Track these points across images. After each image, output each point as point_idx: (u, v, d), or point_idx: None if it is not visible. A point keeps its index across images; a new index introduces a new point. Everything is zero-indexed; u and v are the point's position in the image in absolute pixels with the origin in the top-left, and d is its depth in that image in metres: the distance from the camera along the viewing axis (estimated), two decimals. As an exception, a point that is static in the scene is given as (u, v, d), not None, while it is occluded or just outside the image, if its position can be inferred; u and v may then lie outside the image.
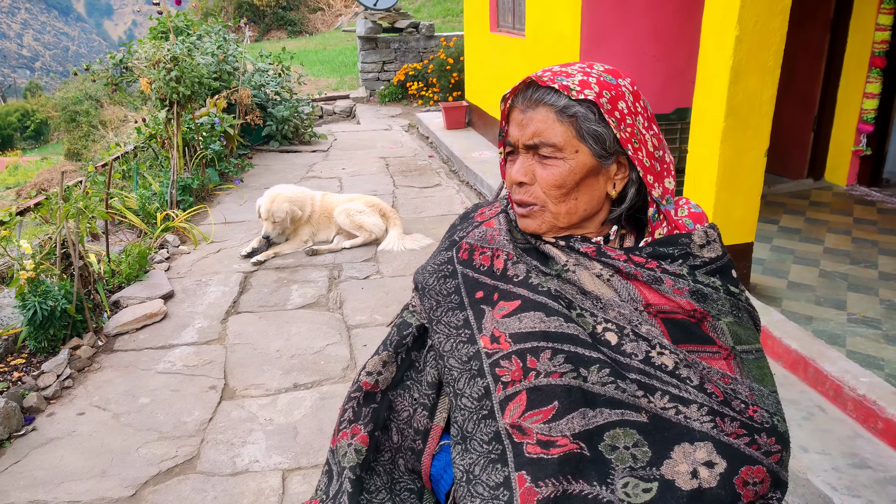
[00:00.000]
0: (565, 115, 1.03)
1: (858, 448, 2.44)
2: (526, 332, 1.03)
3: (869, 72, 4.77)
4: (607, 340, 1.02)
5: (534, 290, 1.06)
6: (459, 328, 1.12)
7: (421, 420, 1.18)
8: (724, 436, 0.97)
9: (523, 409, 1.00)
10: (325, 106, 10.62)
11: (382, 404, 1.21)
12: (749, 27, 3.00)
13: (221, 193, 6.35)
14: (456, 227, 1.26)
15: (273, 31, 22.07)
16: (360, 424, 1.20)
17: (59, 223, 3.49)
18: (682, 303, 1.02)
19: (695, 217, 1.12)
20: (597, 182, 1.07)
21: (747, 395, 1.00)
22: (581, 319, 1.04)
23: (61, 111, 16.68)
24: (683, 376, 0.99)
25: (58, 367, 3.26)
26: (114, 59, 6.46)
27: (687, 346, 1.02)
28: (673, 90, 4.93)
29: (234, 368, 3.35)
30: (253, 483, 2.56)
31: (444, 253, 1.22)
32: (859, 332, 3.09)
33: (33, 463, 2.70)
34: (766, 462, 0.98)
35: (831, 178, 5.22)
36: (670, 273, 1.04)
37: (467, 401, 1.06)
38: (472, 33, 8.08)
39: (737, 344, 1.03)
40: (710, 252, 1.07)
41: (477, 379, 1.06)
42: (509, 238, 1.14)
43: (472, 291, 1.13)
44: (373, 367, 1.22)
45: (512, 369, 1.02)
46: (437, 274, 1.20)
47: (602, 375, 0.99)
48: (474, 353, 1.08)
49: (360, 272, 4.49)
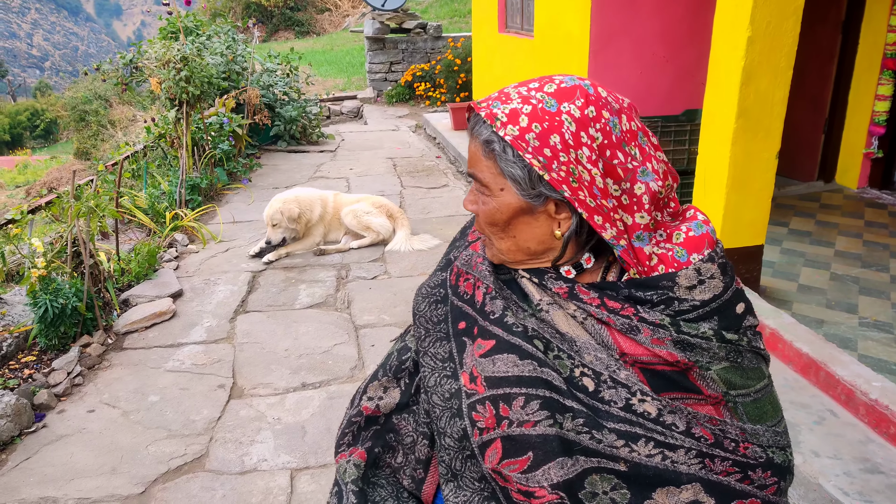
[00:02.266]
0: (488, 150, 0.93)
1: (870, 453, 2.42)
2: (499, 376, 0.96)
3: (881, 74, 4.74)
4: (584, 386, 0.94)
5: (508, 330, 0.98)
6: (445, 361, 1.05)
7: (422, 450, 1.13)
8: (714, 475, 0.93)
9: (500, 457, 0.96)
10: (332, 106, 10.64)
11: (386, 426, 1.16)
12: (762, 28, 2.98)
13: (230, 193, 6.37)
14: (455, 243, 1.17)
15: (281, 31, 22.15)
16: (358, 446, 1.16)
17: (71, 222, 3.51)
18: (663, 353, 0.92)
19: (690, 244, 0.95)
20: (535, 221, 0.95)
21: (737, 434, 0.93)
22: (558, 362, 0.96)
23: (70, 110, 16.77)
24: (668, 423, 0.92)
25: (68, 364, 3.27)
26: (124, 58, 6.48)
27: (669, 394, 0.93)
28: (682, 91, 4.91)
29: (242, 367, 3.36)
30: (261, 482, 2.57)
31: (439, 274, 1.15)
32: (871, 335, 3.07)
33: (44, 460, 2.71)
34: (761, 495, 0.94)
35: (842, 180, 5.19)
36: (648, 322, 0.92)
37: (450, 440, 1.01)
38: (480, 34, 8.07)
39: (730, 389, 0.93)
40: (703, 293, 0.93)
41: (456, 419, 1.00)
42: (490, 268, 1.04)
43: (455, 321, 1.06)
44: (373, 392, 1.17)
45: (486, 416, 0.96)
46: (429, 298, 1.12)
47: (576, 424, 0.93)
48: (455, 390, 1.02)
49: (368, 272, 4.50)
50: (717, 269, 0.95)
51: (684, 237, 0.96)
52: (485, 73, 8.02)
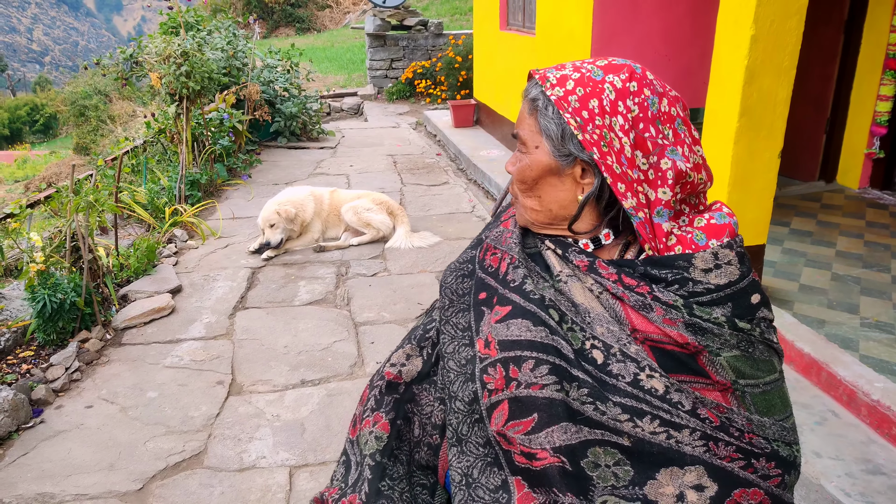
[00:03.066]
0: (532, 107, 1.00)
1: (872, 454, 2.41)
2: (512, 339, 1.00)
3: (883, 74, 4.73)
4: (594, 358, 0.96)
5: (525, 296, 1.02)
6: (464, 330, 1.10)
7: (440, 416, 1.18)
8: (718, 459, 0.93)
9: (506, 419, 0.99)
10: (332, 103, 10.61)
11: (405, 395, 1.21)
12: (765, 27, 2.97)
13: (229, 189, 6.35)
14: (489, 226, 1.21)
15: (281, 27, 22.11)
16: (381, 412, 1.20)
17: (70, 216, 3.49)
18: (673, 334, 0.93)
19: (711, 230, 0.97)
20: (561, 184, 0.99)
21: (744, 424, 0.93)
22: (571, 334, 0.98)
23: (70, 105, 16.74)
24: (675, 401, 0.92)
25: (66, 359, 3.26)
26: (124, 53, 6.46)
27: (677, 375, 0.94)
28: (684, 90, 4.90)
29: (241, 364, 3.34)
30: (260, 479, 2.55)
31: (468, 251, 1.20)
32: (872, 336, 3.06)
33: (41, 455, 2.69)
34: (764, 485, 0.94)
35: (843, 180, 5.18)
36: (661, 302, 0.93)
37: (460, 404, 1.05)
38: (481, 31, 8.05)
39: (739, 378, 0.93)
40: (719, 277, 0.94)
41: (469, 383, 1.05)
42: (518, 241, 1.09)
43: (477, 292, 1.10)
44: (396, 359, 1.22)
45: (496, 377, 1.00)
46: (456, 272, 1.17)
47: (581, 394, 0.94)
48: (471, 356, 1.06)
49: (368, 269, 4.48)
50: (735, 257, 0.96)
51: (705, 223, 0.98)
52: (486, 70, 8.00)
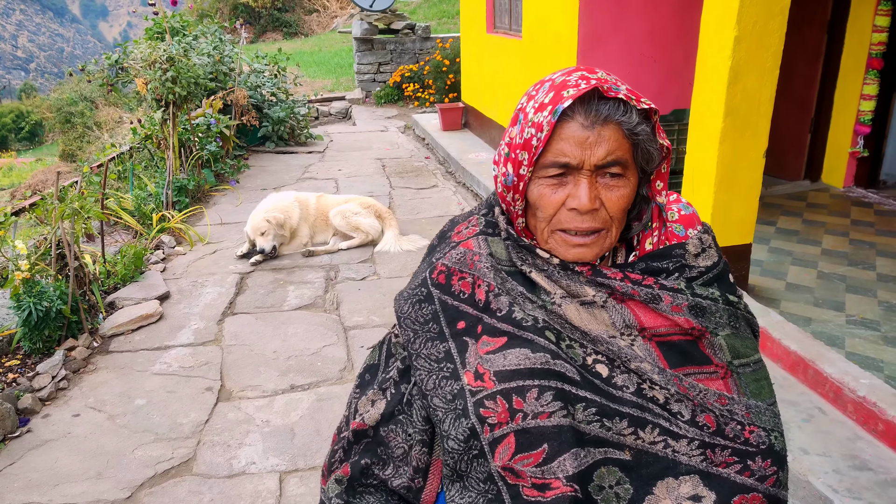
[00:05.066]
0: (631, 133, 0.95)
1: (859, 450, 2.43)
2: (511, 369, 0.97)
3: (866, 73, 4.78)
4: (598, 372, 0.97)
5: (518, 325, 0.99)
6: (441, 361, 1.03)
7: (420, 458, 1.08)
8: (713, 466, 0.94)
9: (513, 452, 0.95)
10: (321, 107, 10.60)
11: (376, 439, 1.11)
12: (748, 27, 2.99)
13: (217, 194, 6.33)
14: (434, 249, 1.16)
15: (269, 32, 22.06)
16: (347, 462, 1.13)
17: (55, 224, 3.47)
18: (680, 321, 0.98)
19: (685, 221, 1.06)
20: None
21: (744, 414, 0.97)
22: (571, 351, 0.98)
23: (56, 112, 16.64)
24: (675, 411, 0.96)
25: (53, 368, 3.23)
26: (109, 59, 6.43)
27: (684, 368, 0.98)
28: (670, 91, 4.93)
29: (230, 370, 3.33)
30: (250, 485, 2.54)
31: (420, 276, 1.12)
32: (858, 333, 3.09)
33: (28, 465, 2.67)
34: (762, 488, 0.95)
35: (828, 179, 5.22)
36: (668, 289, 0.99)
37: (454, 443, 0.99)
38: (468, 35, 8.07)
39: (734, 358, 1.00)
40: (706, 260, 1.03)
41: (461, 419, 0.98)
42: (490, 264, 1.05)
43: (452, 321, 1.04)
44: (362, 407, 1.14)
45: (498, 410, 0.96)
46: (411, 299, 1.10)
47: (588, 414, 0.95)
48: (458, 390, 1.00)
49: (357, 273, 4.48)
50: (712, 240, 1.06)
51: (678, 215, 1.07)
52: (473, 73, 8.02)
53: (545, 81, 0.99)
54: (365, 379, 1.19)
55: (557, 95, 0.94)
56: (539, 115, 0.95)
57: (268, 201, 4.96)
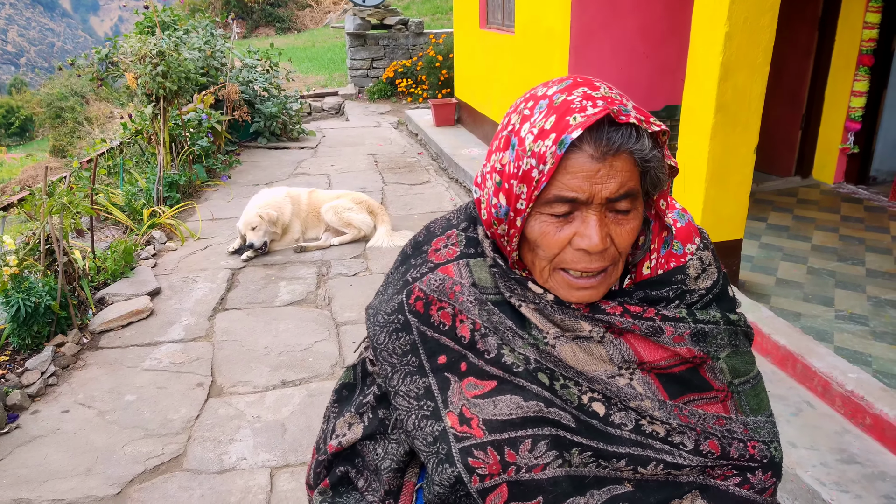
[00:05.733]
0: (643, 161, 0.85)
1: (846, 444, 2.44)
2: (502, 419, 0.91)
3: (857, 70, 4.79)
4: (595, 412, 0.92)
5: (509, 371, 0.93)
6: (420, 399, 0.96)
7: (393, 482, 1.05)
8: (712, 480, 0.94)
9: (505, 500, 0.91)
10: (313, 103, 10.56)
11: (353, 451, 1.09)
12: (739, 24, 3.00)
13: (209, 190, 6.30)
14: (409, 259, 1.05)
15: (261, 27, 21.96)
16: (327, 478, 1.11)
17: (43, 219, 3.44)
18: (682, 351, 0.93)
19: (682, 235, 0.98)
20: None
21: (742, 431, 0.95)
22: (566, 391, 0.92)
23: (46, 107, 16.53)
24: (677, 442, 0.92)
25: (42, 364, 3.21)
26: (99, 53, 6.38)
27: (684, 397, 0.95)
28: (662, 87, 4.94)
29: (221, 365, 3.32)
30: (240, 480, 2.54)
31: (395, 298, 1.01)
32: (847, 328, 3.11)
33: (17, 461, 2.65)
34: (760, 500, 0.95)
35: (819, 175, 5.24)
36: (670, 319, 0.93)
37: (439, 488, 0.93)
38: (461, 30, 8.06)
39: (734, 378, 0.97)
40: (706, 280, 0.97)
41: (446, 465, 0.92)
42: (474, 297, 0.96)
43: (433, 354, 0.97)
44: (339, 429, 1.10)
45: (489, 462, 0.90)
46: (387, 328, 1.00)
47: (584, 457, 0.91)
48: (440, 432, 0.93)
49: (349, 269, 4.47)
50: (711, 256, 0.99)
51: (675, 229, 0.98)
52: (466, 69, 8.01)
53: (539, 98, 0.87)
54: (342, 395, 1.14)
55: (561, 121, 0.82)
56: (540, 143, 0.82)
57: (259, 197, 4.94)
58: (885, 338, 3.01)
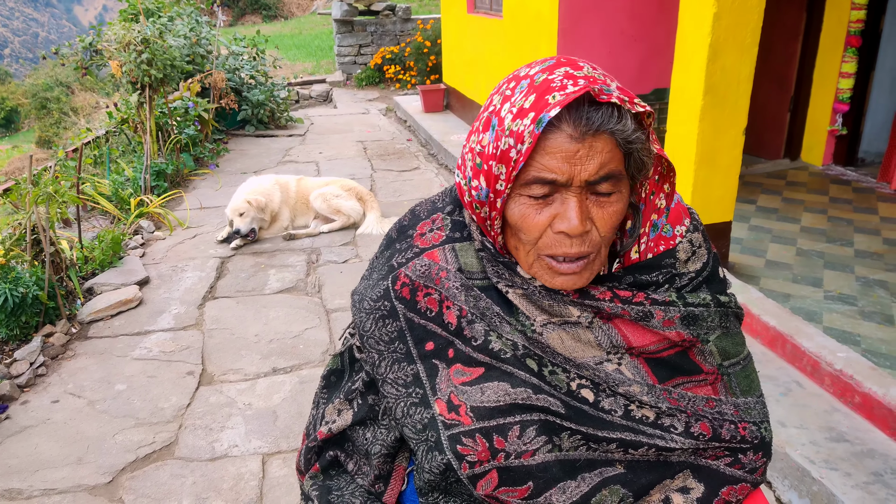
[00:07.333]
0: (626, 143, 0.83)
1: (835, 422, 2.46)
2: (490, 406, 0.90)
3: (844, 51, 4.80)
4: (584, 398, 0.91)
5: (496, 357, 0.92)
6: (409, 386, 0.96)
7: (384, 467, 1.06)
8: (703, 459, 0.94)
9: (496, 485, 0.91)
10: (301, 90, 10.48)
11: (343, 436, 1.10)
12: (727, 4, 2.99)
13: (197, 179, 6.25)
14: (394, 243, 1.04)
15: (248, 15, 21.75)
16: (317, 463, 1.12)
17: (29, 209, 3.40)
18: (671, 335, 0.93)
19: (673, 217, 0.97)
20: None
21: (733, 413, 0.95)
22: (554, 378, 0.92)
23: (31, 98, 16.34)
24: (667, 425, 0.92)
25: (30, 354, 3.19)
26: (83, 42, 6.29)
27: (673, 381, 0.95)
28: (651, 70, 4.93)
29: (211, 354, 3.30)
30: (232, 468, 2.53)
31: (381, 284, 1.00)
32: (836, 308, 3.13)
33: (7, 451, 2.64)
34: (751, 479, 0.95)
35: (808, 158, 5.26)
36: (660, 303, 0.92)
37: (429, 475, 0.94)
38: (449, 15, 8.00)
39: (724, 360, 0.97)
40: (696, 262, 0.96)
41: (435, 453, 0.92)
42: (460, 283, 0.95)
43: (420, 341, 0.96)
44: (329, 415, 1.09)
45: (478, 449, 0.90)
46: (374, 315, 0.99)
47: (574, 441, 0.91)
48: (429, 420, 0.93)
49: (339, 256, 4.45)
50: (702, 237, 0.98)
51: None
52: (454, 55, 7.96)
53: (521, 78, 0.85)
54: (331, 381, 1.13)
55: (540, 100, 0.79)
56: (518, 122, 0.80)
57: (248, 185, 4.91)
58: (874, 317, 3.03)
